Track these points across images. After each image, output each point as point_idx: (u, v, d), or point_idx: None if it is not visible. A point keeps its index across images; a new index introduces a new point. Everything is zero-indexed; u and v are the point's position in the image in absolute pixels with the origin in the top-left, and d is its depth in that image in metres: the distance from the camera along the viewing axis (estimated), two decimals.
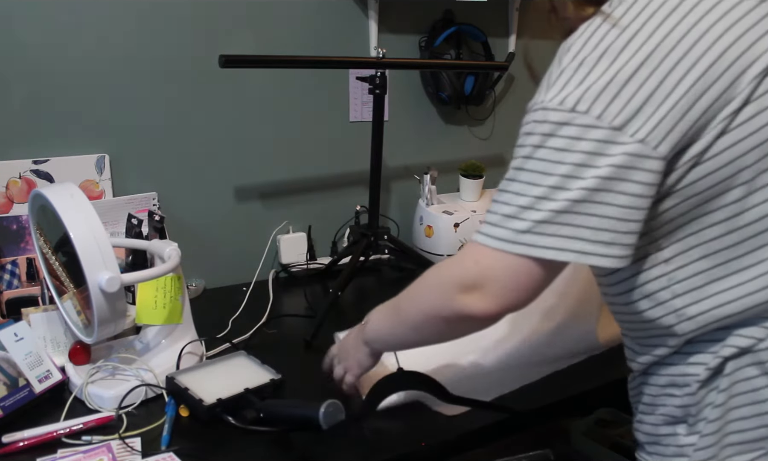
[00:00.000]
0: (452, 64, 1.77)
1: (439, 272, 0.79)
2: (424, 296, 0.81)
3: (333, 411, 0.91)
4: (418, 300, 0.82)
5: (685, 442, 0.77)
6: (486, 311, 0.72)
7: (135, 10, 1.40)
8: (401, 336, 0.88)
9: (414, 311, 0.83)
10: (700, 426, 0.76)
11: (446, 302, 0.75)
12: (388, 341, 0.93)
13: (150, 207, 1.45)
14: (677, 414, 0.78)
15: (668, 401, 0.79)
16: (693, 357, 0.76)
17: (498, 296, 0.71)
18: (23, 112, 1.33)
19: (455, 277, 0.74)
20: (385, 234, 1.47)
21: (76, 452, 0.89)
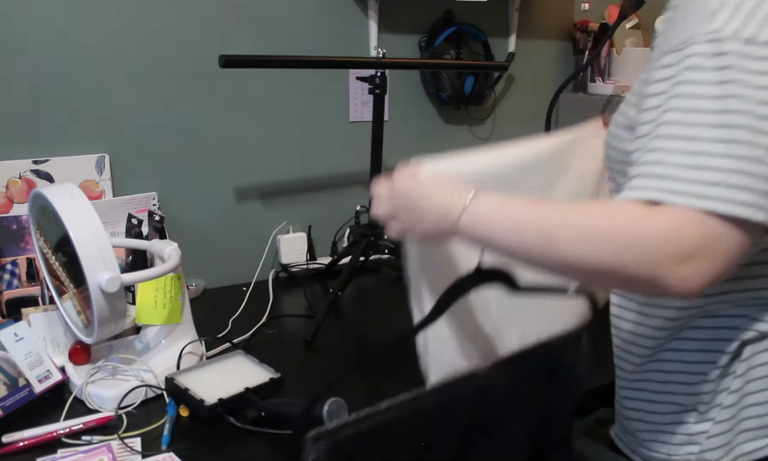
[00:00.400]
0: (452, 64, 1.77)
1: (641, 227, 0.60)
2: (612, 243, 0.61)
3: (336, 409, 0.91)
4: (600, 241, 0.62)
5: (695, 430, 0.77)
6: (698, 285, 0.59)
7: (135, 10, 1.40)
8: (526, 254, 0.67)
9: (584, 251, 0.62)
10: (714, 412, 0.75)
11: (647, 267, 0.59)
12: (494, 242, 0.69)
13: (150, 207, 1.45)
14: (687, 402, 0.77)
15: (678, 389, 0.78)
16: (712, 343, 0.75)
17: (713, 268, 0.59)
18: (23, 112, 1.33)
19: (671, 240, 0.59)
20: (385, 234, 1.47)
21: (76, 452, 0.88)
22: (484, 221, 0.69)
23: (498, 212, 0.69)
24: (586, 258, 0.62)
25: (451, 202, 0.71)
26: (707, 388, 0.75)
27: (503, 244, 0.68)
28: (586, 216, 0.64)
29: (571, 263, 0.63)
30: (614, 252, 0.60)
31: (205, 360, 1.15)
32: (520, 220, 0.67)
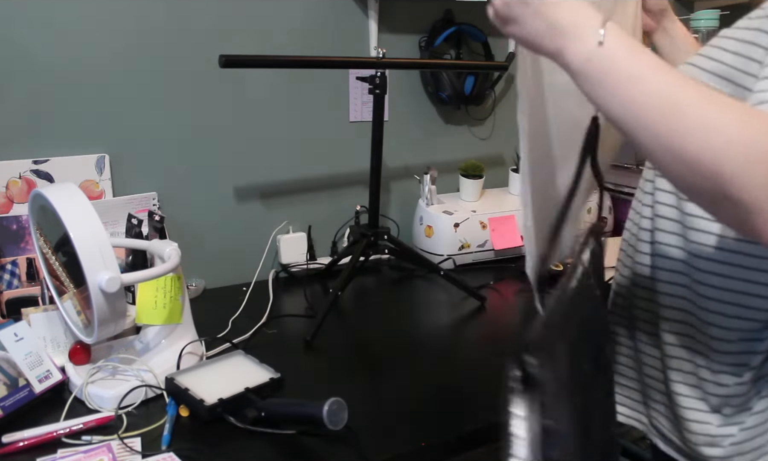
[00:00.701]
0: (452, 64, 1.77)
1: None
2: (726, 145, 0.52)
3: (337, 409, 0.91)
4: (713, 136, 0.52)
5: (718, 433, 0.74)
6: None
7: (135, 10, 1.40)
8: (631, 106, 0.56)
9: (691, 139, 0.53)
10: (743, 417, 0.72)
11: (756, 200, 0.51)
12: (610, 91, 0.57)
13: (150, 207, 1.45)
14: (713, 402, 0.74)
15: (712, 389, 0.75)
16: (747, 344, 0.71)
17: None
18: (23, 112, 1.33)
19: None
20: (385, 234, 1.47)
21: (76, 452, 0.88)
22: (612, 61, 0.57)
23: (630, 55, 0.57)
24: (701, 153, 0.53)
25: (583, 27, 0.59)
26: (738, 391, 0.72)
27: (619, 93, 0.57)
28: (731, 102, 0.54)
29: (690, 149, 0.53)
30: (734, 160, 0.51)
31: (205, 360, 1.15)
32: (647, 74, 0.56)
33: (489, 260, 1.75)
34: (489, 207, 1.76)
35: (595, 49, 0.57)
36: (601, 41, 0.57)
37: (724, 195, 0.53)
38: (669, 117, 0.54)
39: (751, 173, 0.51)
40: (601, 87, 0.58)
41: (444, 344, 1.29)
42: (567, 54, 0.59)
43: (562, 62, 0.61)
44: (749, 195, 0.51)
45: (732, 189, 0.52)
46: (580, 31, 0.58)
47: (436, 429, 1.00)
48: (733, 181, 0.51)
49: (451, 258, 1.70)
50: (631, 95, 0.56)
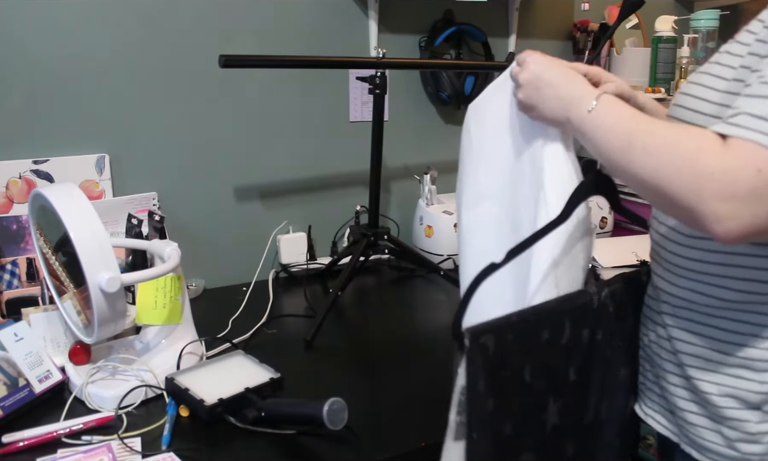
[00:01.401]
0: (452, 64, 1.77)
1: (703, 157, 0.63)
2: (669, 164, 0.65)
3: (337, 409, 0.91)
4: (661, 159, 0.66)
5: (757, 430, 0.74)
6: (734, 230, 0.61)
7: (135, 11, 1.40)
8: (609, 153, 0.72)
9: (647, 163, 0.67)
10: None
11: (691, 195, 0.62)
12: (595, 139, 0.74)
13: (150, 207, 1.45)
14: (751, 399, 0.74)
15: (741, 384, 0.75)
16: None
17: (756, 218, 0.61)
18: (23, 112, 1.33)
19: (723, 176, 0.61)
20: (385, 234, 1.47)
21: (76, 452, 0.88)
22: (599, 119, 0.74)
23: (611, 114, 0.74)
24: (648, 170, 0.67)
25: (584, 95, 0.77)
26: None
27: (598, 142, 0.74)
28: (666, 132, 0.68)
29: (636, 173, 0.68)
30: (670, 170, 0.64)
31: (205, 360, 1.15)
32: (617, 121, 0.72)
33: None
34: None
35: (586, 115, 0.75)
36: (590, 109, 0.75)
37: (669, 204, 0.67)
38: (624, 154, 0.70)
39: (680, 179, 0.64)
40: (591, 142, 0.75)
41: (444, 345, 1.29)
42: (572, 120, 0.78)
43: (570, 128, 0.79)
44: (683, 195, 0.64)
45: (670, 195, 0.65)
46: (580, 101, 0.77)
47: (436, 429, 1.00)
48: (667, 189, 0.65)
49: (451, 258, 1.70)
50: (605, 144, 0.73)
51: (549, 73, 0.81)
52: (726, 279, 0.75)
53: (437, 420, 1.03)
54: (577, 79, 0.80)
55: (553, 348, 0.77)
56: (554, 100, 0.80)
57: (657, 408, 0.88)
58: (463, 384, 0.70)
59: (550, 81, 0.80)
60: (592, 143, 0.75)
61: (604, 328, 0.82)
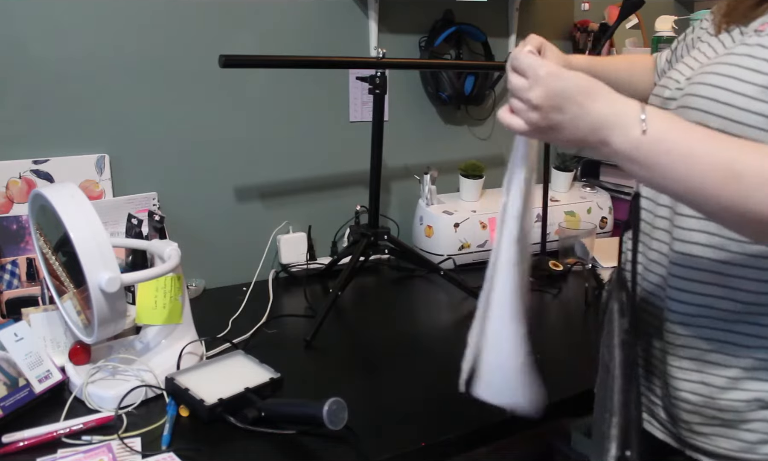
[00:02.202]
0: (452, 64, 1.77)
1: None
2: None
3: (337, 409, 0.91)
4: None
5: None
6: None
7: (135, 10, 1.40)
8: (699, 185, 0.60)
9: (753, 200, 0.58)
10: None
11: None
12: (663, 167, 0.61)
13: (150, 207, 1.45)
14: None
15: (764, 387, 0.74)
16: None
17: None
18: (23, 112, 1.33)
19: None
20: (385, 234, 1.47)
21: (76, 452, 0.88)
22: (662, 144, 0.61)
23: (679, 136, 0.61)
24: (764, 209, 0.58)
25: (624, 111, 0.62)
26: None
27: (673, 172, 0.60)
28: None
29: (754, 209, 0.59)
30: None
31: (205, 360, 1.15)
32: (698, 148, 0.60)
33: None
34: (489, 207, 1.76)
35: (641, 137, 0.61)
36: (645, 130, 0.60)
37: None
38: (728, 185, 0.59)
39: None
40: (656, 169, 0.61)
41: (444, 344, 1.29)
42: (613, 144, 0.62)
43: (609, 151, 0.63)
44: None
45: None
46: (622, 120, 0.62)
47: (436, 429, 1.00)
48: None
49: (451, 258, 1.70)
50: (688, 172, 0.60)
51: (569, 88, 0.64)
52: (747, 282, 0.74)
53: (437, 420, 1.03)
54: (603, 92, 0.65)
55: None
56: (581, 120, 0.63)
57: (650, 412, 0.88)
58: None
59: (571, 98, 0.64)
60: (653, 169, 0.61)
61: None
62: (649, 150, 0.61)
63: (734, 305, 0.75)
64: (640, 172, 0.63)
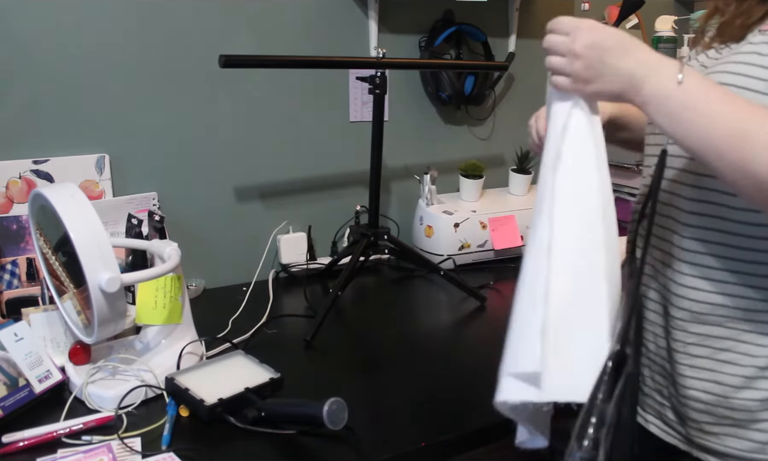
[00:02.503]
0: (452, 64, 1.77)
1: None
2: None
3: (337, 409, 0.91)
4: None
5: None
6: None
7: (135, 10, 1.40)
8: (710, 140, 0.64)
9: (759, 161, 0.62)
10: None
11: None
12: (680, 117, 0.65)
13: (150, 207, 1.45)
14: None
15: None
16: None
17: None
18: (23, 112, 1.33)
19: None
20: (385, 234, 1.47)
21: (76, 452, 0.88)
22: (690, 95, 0.65)
23: (708, 92, 0.65)
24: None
25: (662, 62, 0.67)
26: None
27: (693, 127, 0.64)
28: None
29: (754, 169, 0.62)
30: None
31: (205, 360, 1.15)
32: (717, 108, 0.64)
33: (489, 260, 1.76)
34: (489, 207, 1.77)
35: (674, 88, 0.65)
36: (680, 81, 0.65)
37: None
38: (736, 145, 0.63)
39: None
40: (679, 123, 0.66)
41: (444, 345, 1.29)
42: (645, 92, 0.67)
43: (640, 100, 0.67)
44: None
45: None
46: (660, 70, 0.66)
47: (436, 429, 1.00)
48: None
49: (451, 258, 1.70)
50: (706, 129, 0.64)
51: (610, 38, 0.68)
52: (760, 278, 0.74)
53: (437, 420, 1.03)
54: (642, 45, 0.68)
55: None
56: (621, 67, 0.67)
57: (657, 414, 0.88)
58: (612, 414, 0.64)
59: (612, 47, 0.67)
60: (678, 122, 0.65)
61: None
62: (678, 102, 0.65)
63: (748, 303, 0.75)
64: (666, 123, 0.67)
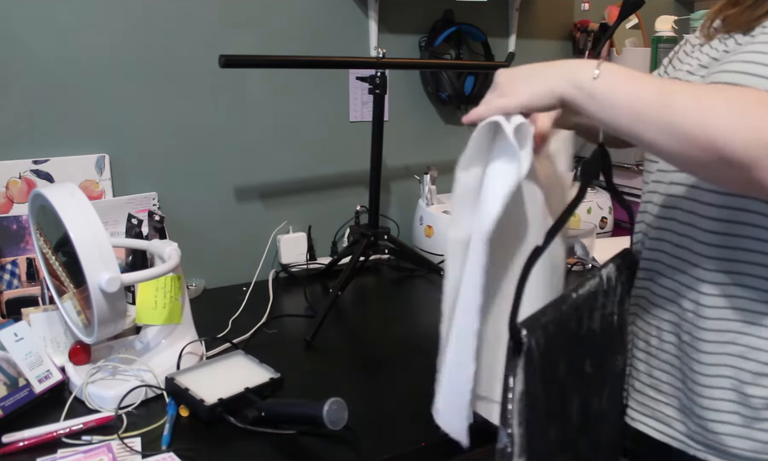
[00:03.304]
0: (452, 64, 1.77)
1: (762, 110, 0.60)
2: (726, 114, 0.61)
3: (337, 409, 0.91)
4: (715, 110, 0.61)
5: None
6: None
7: (135, 10, 1.40)
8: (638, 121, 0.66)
9: (693, 124, 0.62)
10: None
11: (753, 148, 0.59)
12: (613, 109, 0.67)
13: (150, 207, 1.45)
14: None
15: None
16: None
17: None
18: (23, 112, 1.33)
19: None
20: (385, 234, 1.47)
21: (76, 452, 0.88)
22: (614, 84, 0.67)
23: (624, 77, 0.68)
24: (698, 126, 0.61)
25: (580, 66, 0.70)
26: None
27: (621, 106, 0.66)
28: (711, 90, 0.64)
29: (681, 129, 0.62)
30: (725, 121, 0.60)
31: (205, 360, 1.15)
32: (639, 84, 0.67)
33: None
34: None
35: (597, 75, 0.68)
36: (595, 77, 0.68)
37: (723, 161, 0.61)
38: (663, 106, 0.64)
39: (742, 134, 0.59)
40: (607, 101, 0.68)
41: None
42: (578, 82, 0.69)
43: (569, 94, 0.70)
44: (744, 153, 0.59)
45: (727, 152, 0.60)
46: (579, 65, 0.70)
47: (436, 429, 1.00)
48: (726, 146, 0.60)
49: None
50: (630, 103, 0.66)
51: (526, 66, 0.74)
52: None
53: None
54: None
55: (577, 338, 0.73)
56: (545, 72, 0.72)
57: (650, 412, 0.87)
58: (522, 389, 0.64)
59: (531, 67, 0.73)
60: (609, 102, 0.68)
61: (609, 311, 0.80)
62: (602, 88, 0.68)
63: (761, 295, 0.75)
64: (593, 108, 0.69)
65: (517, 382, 0.64)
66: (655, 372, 0.86)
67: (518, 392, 0.64)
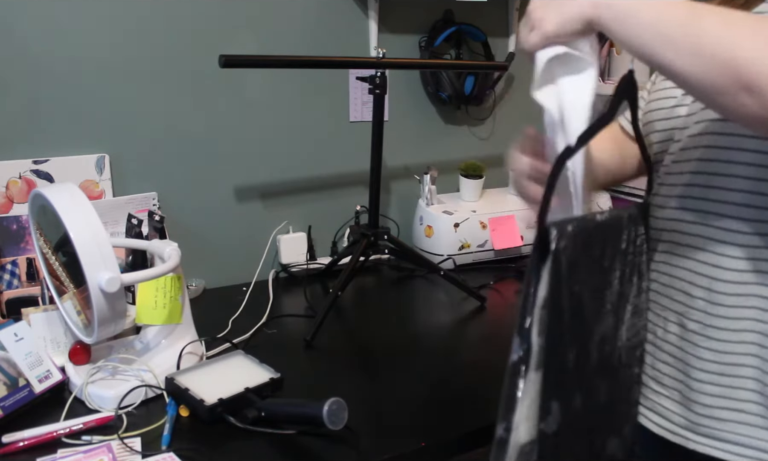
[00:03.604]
0: (452, 64, 1.77)
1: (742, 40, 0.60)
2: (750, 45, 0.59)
3: (337, 409, 0.91)
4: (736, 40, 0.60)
5: None
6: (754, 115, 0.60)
7: (135, 11, 1.40)
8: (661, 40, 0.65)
9: (717, 44, 0.61)
10: None
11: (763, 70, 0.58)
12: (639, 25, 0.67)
13: (150, 207, 1.45)
14: None
15: None
16: None
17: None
18: (23, 112, 1.33)
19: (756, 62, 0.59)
20: (385, 234, 1.47)
21: (76, 452, 0.89)
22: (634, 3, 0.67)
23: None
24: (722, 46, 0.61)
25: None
26: None
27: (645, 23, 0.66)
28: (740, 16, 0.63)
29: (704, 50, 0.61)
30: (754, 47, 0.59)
31: (205, 360, 1.16)
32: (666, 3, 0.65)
33: (489, 260, 1.76)
34: (489, 207, 1.77)
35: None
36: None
37: (742, 85, 0.59)
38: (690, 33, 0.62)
39: (766, 60, 0.57)
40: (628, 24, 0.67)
41: (444, 345, 1.29)
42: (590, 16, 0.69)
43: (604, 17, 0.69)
44: (765, 79, 0.57)
45: (749, 75, 0.58)
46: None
47: (436, 429, 1.00)
48: (748, 69, 0.58)
49: (451, 258, 1.70)
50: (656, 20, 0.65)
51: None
52: None
53: (437, 420, 1.03)
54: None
55: (600, 268, 0.67)
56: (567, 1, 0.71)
57: (651, 404, 0.87)
58: (546, 295, 0.59)
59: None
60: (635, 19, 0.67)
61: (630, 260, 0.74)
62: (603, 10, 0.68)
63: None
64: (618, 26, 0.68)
65: (541, 286, 0.58)
66: (657, 364, 0.86)
67: (541, 297, 0.58)
